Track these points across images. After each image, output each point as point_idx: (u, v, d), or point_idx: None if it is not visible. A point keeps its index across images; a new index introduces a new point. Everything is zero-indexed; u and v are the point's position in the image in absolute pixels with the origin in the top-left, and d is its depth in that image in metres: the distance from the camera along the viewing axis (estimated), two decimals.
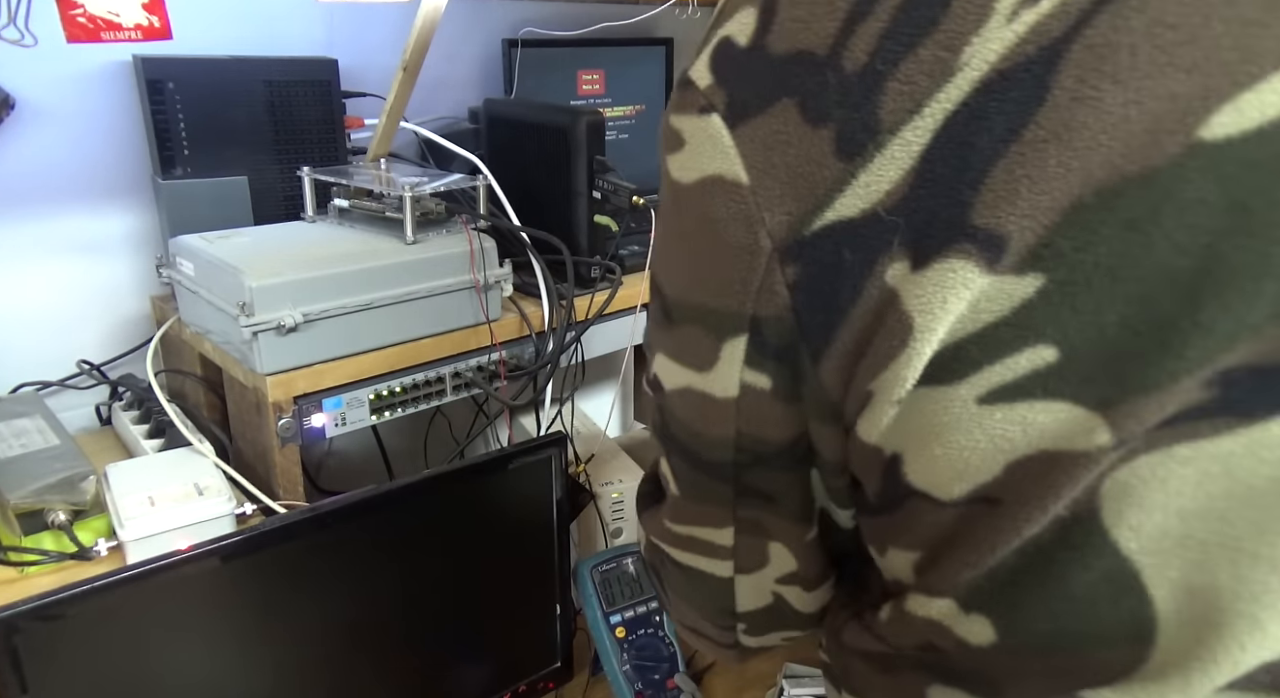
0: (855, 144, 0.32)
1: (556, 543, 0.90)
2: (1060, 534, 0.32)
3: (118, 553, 0.76)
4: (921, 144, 0.31)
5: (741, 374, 0.39)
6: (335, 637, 0.77)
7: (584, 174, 0.98)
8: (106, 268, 1.02)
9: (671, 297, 0.41)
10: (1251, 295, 0.28)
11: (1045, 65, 0.29)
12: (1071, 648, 0.34)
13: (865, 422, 0.36)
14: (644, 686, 0.93)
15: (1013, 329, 0.30)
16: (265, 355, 0.80)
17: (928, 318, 0.31)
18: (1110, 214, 0.28)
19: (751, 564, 0.47)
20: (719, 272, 0.37)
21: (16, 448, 0.81)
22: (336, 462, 1.20)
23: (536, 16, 1.25)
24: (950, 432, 0.33)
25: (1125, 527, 0.31)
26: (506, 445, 0.93)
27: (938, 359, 0.32)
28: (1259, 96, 0.27)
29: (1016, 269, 0.30)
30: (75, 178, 0.97)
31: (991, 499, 0.33)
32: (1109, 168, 0.28)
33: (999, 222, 0.30)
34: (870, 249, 0.32)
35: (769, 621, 0.51)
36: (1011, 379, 0.31)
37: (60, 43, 0.87)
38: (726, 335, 0.38)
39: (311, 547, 0.72)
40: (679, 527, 0.49)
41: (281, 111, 0.96)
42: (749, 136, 0.34)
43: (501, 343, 0.94)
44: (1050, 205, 0.29)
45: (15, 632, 0.59)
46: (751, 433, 0.41)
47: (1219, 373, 0.28)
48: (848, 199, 0.32)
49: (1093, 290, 0.29)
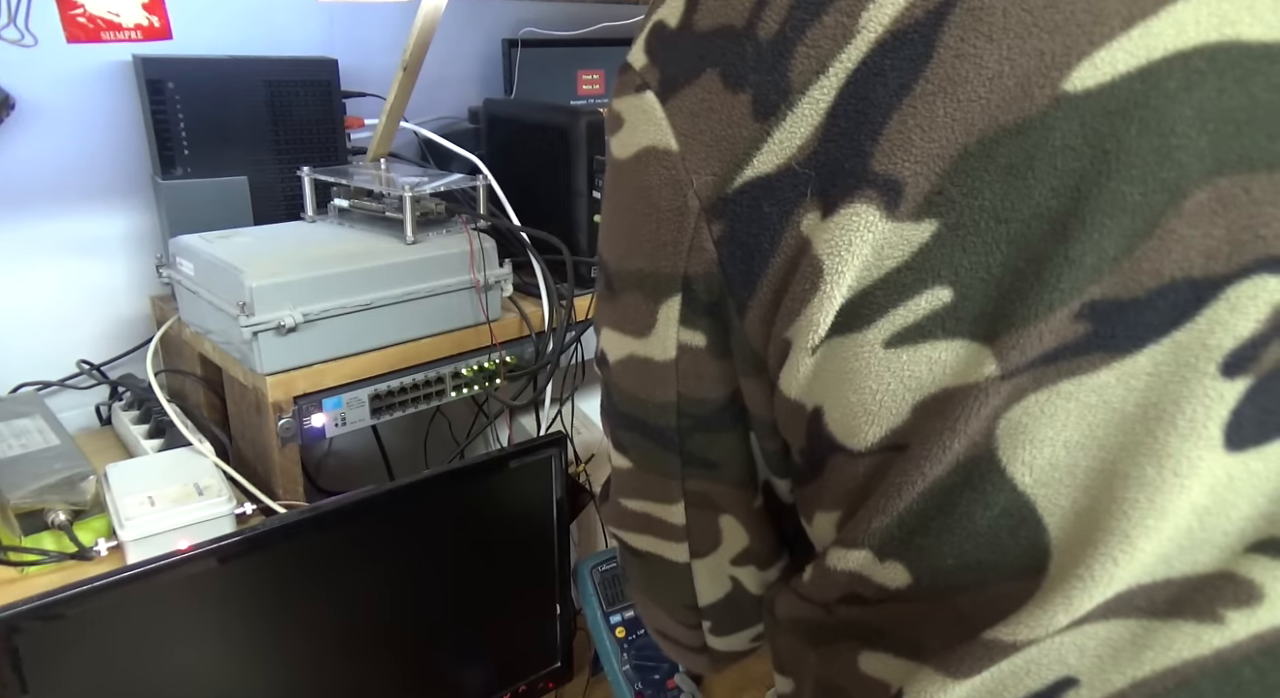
0: (769, 105, 0.35)
1: (556, 543, 0.90)
2: (962, 476, 0.34)
3: (118, 553, 0.76)
4: (827, 101, 0.33)
5: (678, 334, 0.41)
6: (335, 637, 0.77)
7: (584, 174, 0.98)
8: (106, 268, 1.02)
9: (613, 267, 0.43)
10: (1110, 230, 0.30)
11: (931, 26, 0.32)
12: (977, 583, 0.36)
13: (786, 374, 0.38)
14: (644, 686, 0.93)
15: (912, 272, 0.33)
16: (265, 355, 0.80)
17: (835, 261, 0.34)
18: (991, 162, 0.31)
19: (705, 545, 0.49)
20: (654, 236, 0.40)
21: (16, 448, 0.81)
22: (336, 462, 1.20)
23: (536, 16, 1.25)
24: (862, 377, 0.35)
25: (1019, 463, 0.33)
26: (506, 445, 0.93)
27: (847, 308, 0.34)
28: (1110, 53, 0.30)
29: (914, 216, 0.33)
30: (75, 178, 0.97)
31: (899, 446, 0.36)
32: (988, 118, 0.31)
33: (896, 168, 0.33)
34: (786, 201, 0.35)
35: (730, 615, 0.52)
36: (914, 321, 0.34)
37: (60, 43, 0.87)
38: (662, 297, 0.41)
39: (311, 547, 0.72)
40: (633, 502, 0.50)
41: (281, 111, 0.96)
42: (678, 107, 0.37)
43: (501, 343, 0.94)
44: (940, 153, 0.32)
45: (15, 632, 0.59)
46: (690, 394, 0.43)
47: (1086, 305, 0.31)
48: (764, 156, 0.35)
49: (980, 232, 0.32)
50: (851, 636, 0.42)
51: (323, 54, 1.01)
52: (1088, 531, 0.33)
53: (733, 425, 0.44)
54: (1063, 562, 0.34)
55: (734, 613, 0.52)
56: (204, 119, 0.92)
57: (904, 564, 0.37)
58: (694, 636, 0.55)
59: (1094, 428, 0.32)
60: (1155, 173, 0.30)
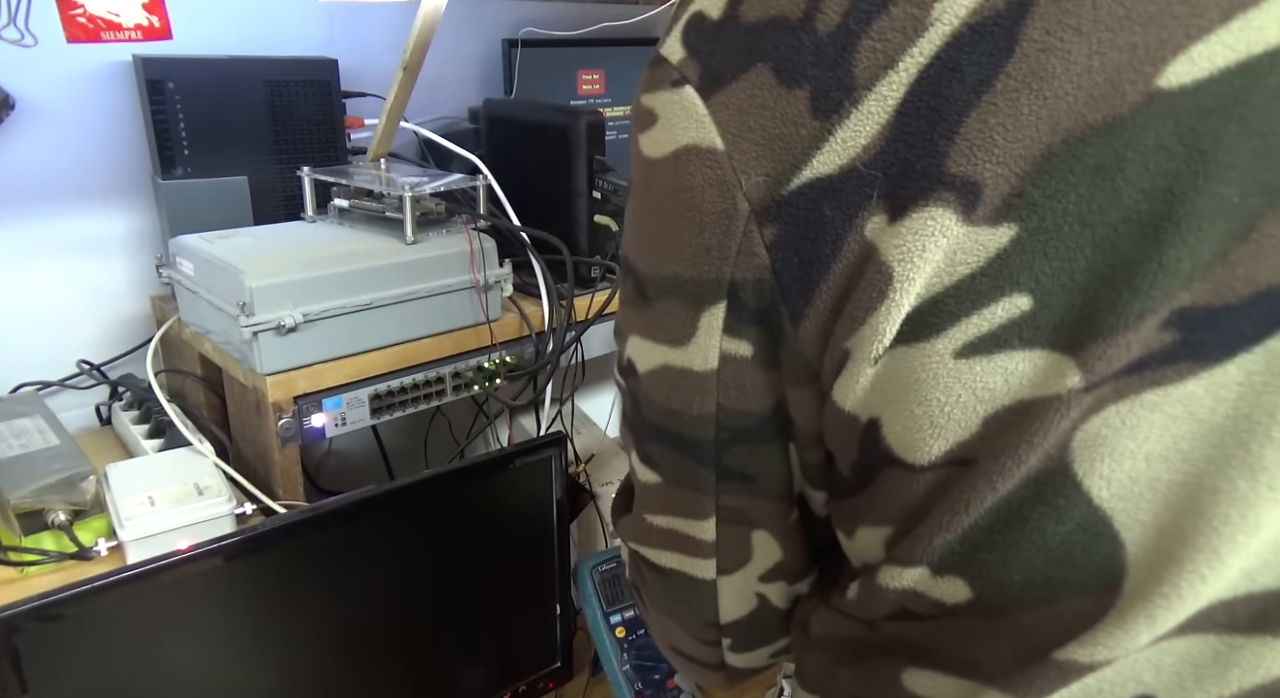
0: (831, 102, 0.33)
1: (556, 543, 0.90)
2: (1033, 490, 0.33)
3: (118, 553, 0.76)
4: (896, 98, 0.32)
5: (721, 344, 0.39)
6: (335, 637, 0.77)
7: (584, 174, 0.98)
8: (106, 268, 1.02)
9: (646, 273, 0.41)
10: (1206, 235, 0.29)
11: (1014, 19, 0.30)
12: (1043, 600, 0.34)
13: (842, 385, 0.36)
14: (644, 686, 0.93)
15: (988, 279, 0.31)
16: (265, 355, 0.80)
17: (907, 267, 0.32)
18: (1078, 162, 0.30)
19: (734, 562, 0.47)
20: (695, 240, 0.37)
21: (16, 448, 0.81)
22: (336, 462, 1.20)
23: (536, 16, 1.25)
24: (928, 389, 0.33)
25: (1097, 476, 0.32)
26: (506, 445, 0.93)
27: (914, 316, 0.33)
28: (1208, 47, 0.29)
29: (991, 219, 0.31)
30: (75, 178, 0.97)
31: (966, 460, 0.34)
32: (1075, 117, 0.30)
33: (975, 169, 0.31)
34: (849, 204, 0.33)
35: (753, 631, 0.50)
36: (988, 330, 0.32)
37: (60, 43, 0.87)
38: (704, 305, 0.38)
39: (311, 547, 0.72)
40: (659, 518, 0.47)
41: (281, 111, 0.96)
42: (723, 103, 0.35)
43: (501, 343, 0.94)
44: (1023, 154, 0.30)
45: (15, 632, 0.59)
46: (731, 406, 0.41)
47: (1176, 312, 0.30)
48: (825, 156, 0.33)
49: (1064, 237, 0.30)
50: (895, 653, 0.40)
51: (323, 54, 1.01)
52: (1170, 547, 0.32)
53: (774, 438, 0.42)
54: (1141, 579, 0.32)
55: (756, 630, 0.50)
56: (204, 119, 0.92)
57: (964, 580, 0.36)
58: (712, 653, 0.53)
59: (1178, 440, 0.31)
60: (1254, 174, 0.29)
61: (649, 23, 1.31)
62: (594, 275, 1.00)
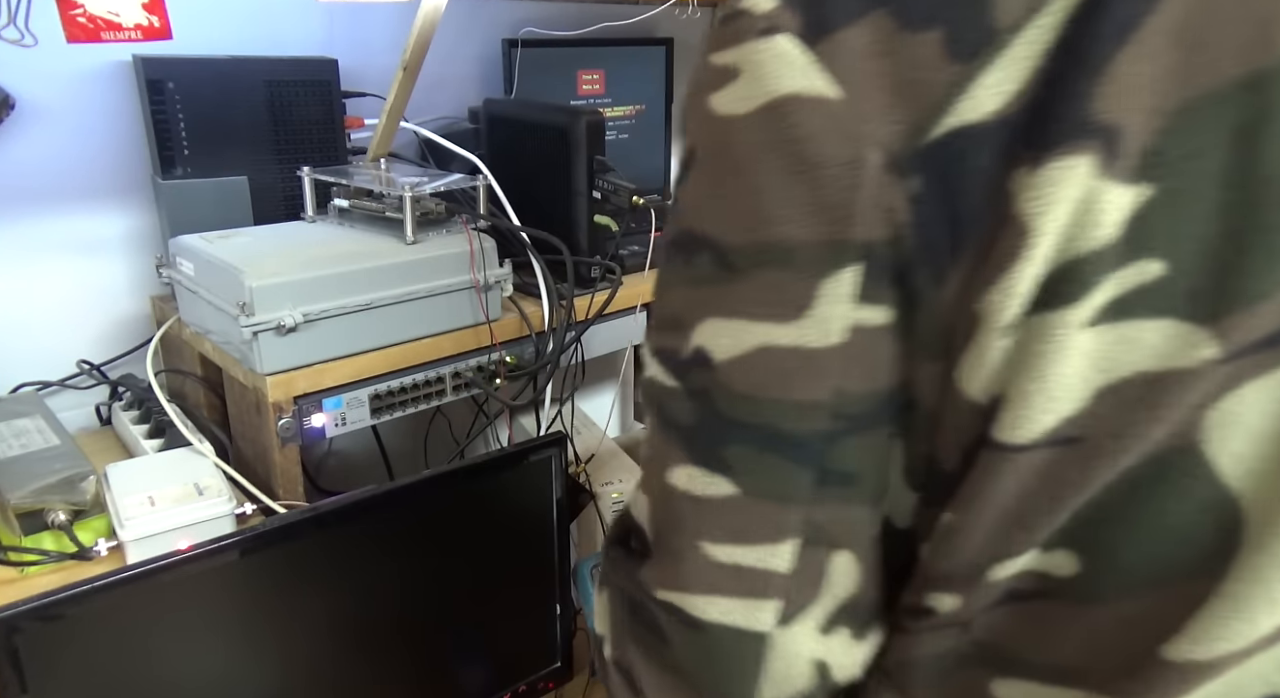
0: (971, 44, 0.30)
1: (556, 543, 0.90)
2: (1156, 468, 0.32)
3: (118, 553, 0.76)
4: (1044, 42, 0.30)
5: (852, 313, 0.34)
6: (335, 637, 0.77)
7: (584, 174, 0.98)
8: (106, 268, 1.02)
9: (734, 243, 0.36)
10: None
11: None
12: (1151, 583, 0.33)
13: (967, 363, 0.33)
14: None
15: (1121, 242, 0.30)
16: (265, 355, 0.80)
17: (1041, 219, 0.30)
18: (1218, 120, 0.28)
19: (802, 598, 0.39)
20: (811, 198, 0.33)
21: (16, 448, 0.81)
22: (336, 462, 1.20)
23: (536, 16, 1.25)
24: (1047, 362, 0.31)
25: (1227, 455, 0.31)
26: (506, 445, 0.93)
27: (1048, 283, 0.31)
28: None
29: (1127, 176, 0.29)
30: (75, 178, 0.97)
31: (1072, 439, 0.32)
32: (1216, 71, 0.28)
33: (1118, 114, 0.29)
34: (996, 153, 0.31)
35: None
36: (1117, 296, 0.30)
37: (60, 43, 0.87)
38: (825, 270, 0.34)
39: (311, 547, 0.73)
40: (724, 547, 0.38)
41: (281, 111, 0.96)
42: (835, 50, 0.32)
43: (501, 343, 0.94)
44: (1160, 107, 0.29)
45: (15, 632, 0.59)
46: (852, 388, 0.36)
47: None
48: (970, 102, 0.31)
49: (1201, 199, 0.29)
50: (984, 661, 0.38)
51: (323, 54, 1.01)
52: None
53: (885, 426, 0.37)
54: (1255, 563, 0.31)
55: None
56: (204, 119, 0.92)
57: (1075, 552, 0.34)
58: None
59: None
60: None
61: (649, 23, 1.31)
62: (594, 275, 1.00)
